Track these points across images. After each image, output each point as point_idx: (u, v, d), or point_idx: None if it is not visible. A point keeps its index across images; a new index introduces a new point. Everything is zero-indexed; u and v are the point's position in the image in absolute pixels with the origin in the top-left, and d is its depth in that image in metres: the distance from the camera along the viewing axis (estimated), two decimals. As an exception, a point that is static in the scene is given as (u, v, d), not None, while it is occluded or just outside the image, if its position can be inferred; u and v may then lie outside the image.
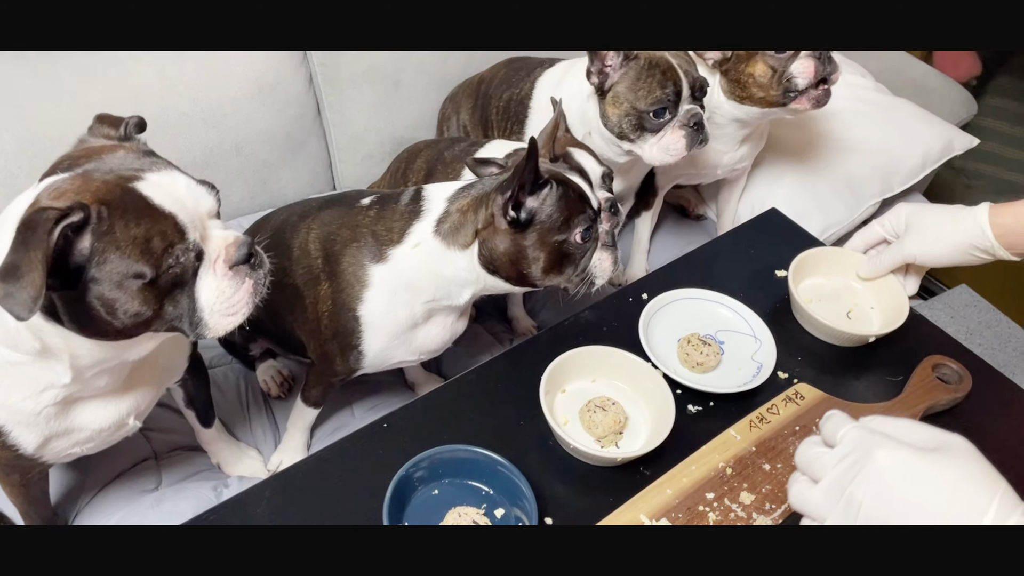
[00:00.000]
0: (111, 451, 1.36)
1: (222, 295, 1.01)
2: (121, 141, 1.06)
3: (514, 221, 1.16)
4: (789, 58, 1.66)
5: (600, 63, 1.60)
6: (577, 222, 1.18)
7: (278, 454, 1.62)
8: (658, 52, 1.61)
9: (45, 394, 1.08)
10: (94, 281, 0.92)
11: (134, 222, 0.92)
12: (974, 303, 2.66)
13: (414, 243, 1.26)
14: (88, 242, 0.90)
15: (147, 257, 0.92)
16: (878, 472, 0.78)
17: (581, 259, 1.21)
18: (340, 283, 1.33)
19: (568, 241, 1.18)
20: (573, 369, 1.18)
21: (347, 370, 1.42)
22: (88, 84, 1.74)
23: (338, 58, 2.05)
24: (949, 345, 1.31)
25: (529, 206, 1.16)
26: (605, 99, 1.63)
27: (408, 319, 1.32)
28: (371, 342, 1.35)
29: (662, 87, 1.57)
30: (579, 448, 1.07)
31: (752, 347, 1.27)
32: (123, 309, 0.94)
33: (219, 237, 1.02)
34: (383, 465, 1.05)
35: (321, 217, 1.41)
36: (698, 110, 1.62)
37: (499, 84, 1.94)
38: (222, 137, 1.93)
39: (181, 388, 1.45)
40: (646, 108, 1.59)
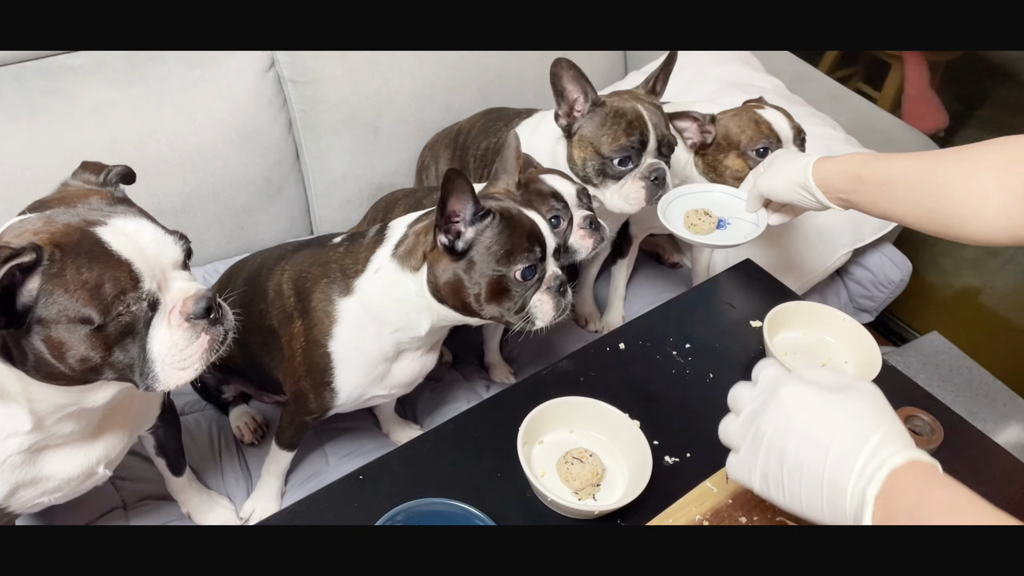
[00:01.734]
0: (79, 501, 1.33)
1: (175, 347, 0.99)
2: (99, 187, 1.06)
3: (449, 249, 1.17)
4: None
5: (568, 106, 1.63)
6: (519, 259, 1.19)
7: (251, 501, 1.60)
8: (630, 101, 1.63)
9: (9, 442, 1.06)
10: (40, 323, 0.91)
11: (87, 266, 0.91)
12: (945, 350, 2.70)
13: (375, 268, 1.28)
14: (37, 283, 0.90)
15: (96, 302, 0.91)
16: (781, 405, 0.86)
17: (521, 297, 1.22)
18: (311, 320, 1.34)
19: (507, 277, 1.19)
20: (551, 420, 1.18)
21: (321, 408, 1.41)
22: (66, 130, 1.74)
23: (317, 105, 2.06)
24: (921, 396, 1.33)
25: (467, 236, 1.17)
26: (571, 141, 1.65)
27: (378, 352, 1.33)
28: (343, 378, 1.35)
29: (627, 135, 1.59)
30: (556, 501, 1.07)
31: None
32: (70, 353, 0.93)
33: (179, 289, 1.01)
34: (359, 518, 1.04)
35: (295, 258, 1.42)
36: (661, 165, 1.62)
37: (477, 134, 1.96)
38: (200, 182, 1.93)
39: (152, 435, 1.43)
40: (609, 154, 1.60)
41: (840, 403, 0.84)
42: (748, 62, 2.51)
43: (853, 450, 0.80)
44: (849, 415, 0.83)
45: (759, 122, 1.72)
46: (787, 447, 0.84)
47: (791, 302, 1.38)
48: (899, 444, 0.80)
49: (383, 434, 1.76)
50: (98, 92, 1.80)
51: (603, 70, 2.53)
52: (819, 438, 0.82)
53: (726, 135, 1.73)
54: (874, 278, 2.19)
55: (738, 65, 2.48)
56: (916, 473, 0.78)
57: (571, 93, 1.62)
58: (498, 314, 1.23)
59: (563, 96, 1.62)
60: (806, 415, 0.84)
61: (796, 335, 1.37)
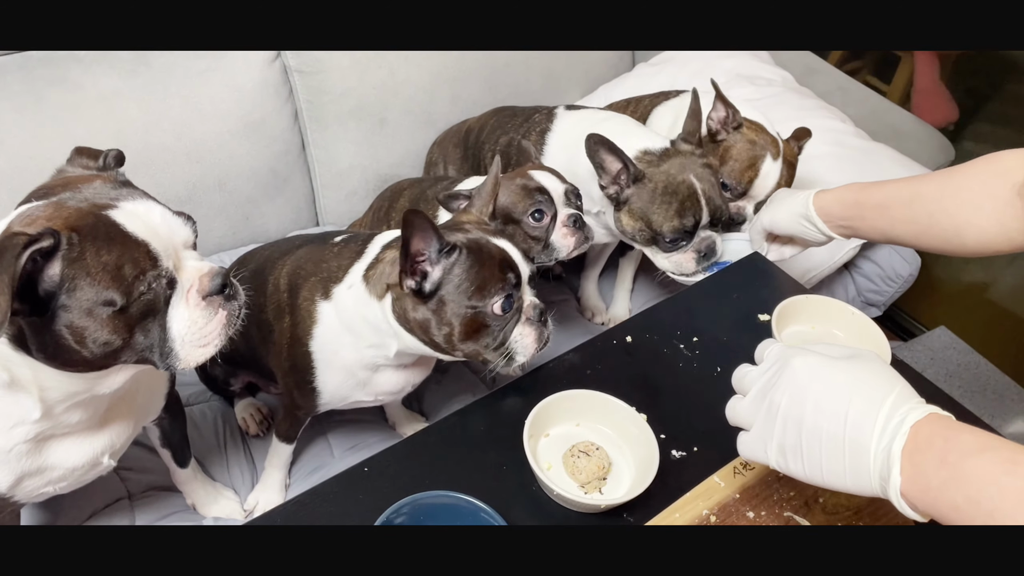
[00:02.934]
0: (84, 491, 1.33)
1: (194, 325, 1.00)
2: (99, 172, 1.05)
3: (418, 291, 1.14)
4: None
5: (611, 176, 1.58)
6: (493, 291, 1.14)
7: (255, 493, 1.60)
8: (681, 172, 1.56)
9: (16, 431, 1.06)
10: (64, 308, 0.91)
11: (105, 249, 0.91)
12: (953, 345, 2.69)
13: (349, 284, 1.26)
14: (58, 268, 0.89)
15: (118, 284, 0.91)
16: (793, 376, 0.88)
17: (500, 332, 1.18)
18: (296, 317, 1.34)
19: (483, 312, 1.15)
20: (557, 413, 1.17)
21: (307, 405, 1.41)
22: (72, 119, 1.74)
23: (323, 95, 2.05)
24: (931, 392, 1.31)
25: (434, 276, 1.13)
26: (621, 210, 1.61)
27: (356, 361, 1.31)
28: (324, 379, 1.35)
29: (680, 216, 1.56)
30: (562, 494, 1.06)
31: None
32: (92, 337, 0.93)
33: (193, 268, 1.01)
34: (364, 510, 1.03)
35: (297, 253, 1.42)
36: (714, 238, 1.61)
37: (492, 130, 1.94)
38: (205, 172, 1.92)
39: (157, 427, 1.42)
40: (661, 232, 1.58)
41: (851, 369, 0.86)
42: (757, 54, 2.50)
43: (872, 410, 0.81)
44: (861, 379, 0.84)
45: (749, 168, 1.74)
46: (804, 415, 0.85)
47: (800, 296, 1.37)
48: (916, 401, 0.82)
49: (388, 427, 1.75)
50: (104, 82, 1.79)
51: (611, 62, 2.52)
52: (836, 403, 0.83)
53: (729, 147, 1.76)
54: (882, 272, 2.18)
55: (747, 58, 2.47)
56: (938, 423, 0.79)
57: (611, 165, 1.57)
58: (474, 352, 1.19)
59: (603, 168, 1.57)
60: (820, 383, 0.85)
61: (805, 329, 1.36)
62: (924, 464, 0.77)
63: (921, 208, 1.25)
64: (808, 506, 1.09)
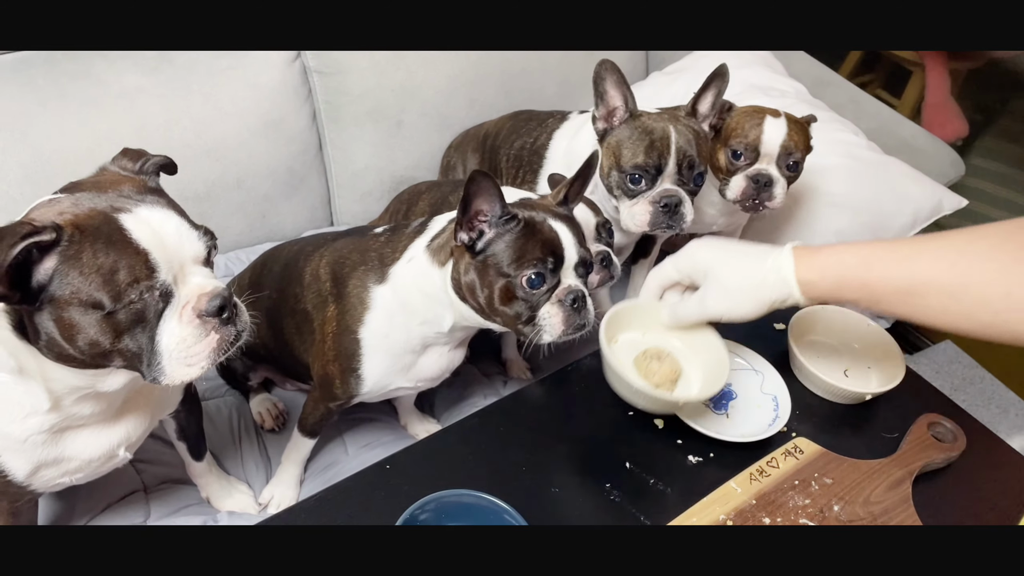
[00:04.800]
0: (100, 482, 1.34)
1: (183, 343, 0.98)
2: (134, 175, 1.06)
3: (469, 247, 1.18)
4: (738, 167, 1.72)
5: (607, 110, 1.62)
6: (527, 266, 1.17)
7: (270, 488, 1.61)
8: (663, 121, 1.58)
9: (30, 421, 1.07)
10: (52, 302, 0.92)
11: (103, 251, 0.91)
12: (958, 359, 2.70)
13: (409, 258, 1.29)
14: (53, 263, 0.90)
15: (108, 288, 0.91)
16: None
17: (528, 306, 1.20)
18: (345, 305, 1.35)
19: (513, 282, 1.18)
20: (627, 320, 1.22)
21: (346, 394, 1.42)
22: (95, 115, 1.75)
23: (342, 96, 2.07)
24: (943, 404, 1.33)
25: (487, 236, 1.18)
26: (603, 147, 1.64)
27: (405, 343, 1.33)
28: (369, 366, 1.36)
29: (646, 154, 1.56)
30: (644, 391, 1.13)
31: (756, 380, 1.29)
32: (80, 336, 0.93)
33: (196, 284, 0.99)
34: (385, 507, 1.04)
35: (334, 245, 1.44)
36: (677, 193, 1.57)
37: (508, 134, 1.96)
38: (224, 170, 1.94)
39: (173, 420, 1.43)
40: (625, 169, 1.58)
41: None
42: (770, 65, 2.51)
43: None
44: None
45: (752, 129, 1.71)
46: None
47: (816, 306, 1.38)
48: None
49: (401, 426, 1.77)
50: (127, 78, 1.81)
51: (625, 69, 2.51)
52: None
53: (728, 126, 1.74)
54: (892, 285, 2.19)
55: (760, 68, 2.48)
56: None
57: (612, 99, 1.60)
58: (510, 320, 1.22)
59: (603, 99, 1.60)
60: None
61: (820, 339, 1.37)
62: None
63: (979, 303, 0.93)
64: (823, 513, 1.11)
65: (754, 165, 1.71)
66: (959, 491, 1.21)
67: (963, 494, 1.21)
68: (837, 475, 1.16)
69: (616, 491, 1.13)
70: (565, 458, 1.18)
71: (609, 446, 1.20)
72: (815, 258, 1.05)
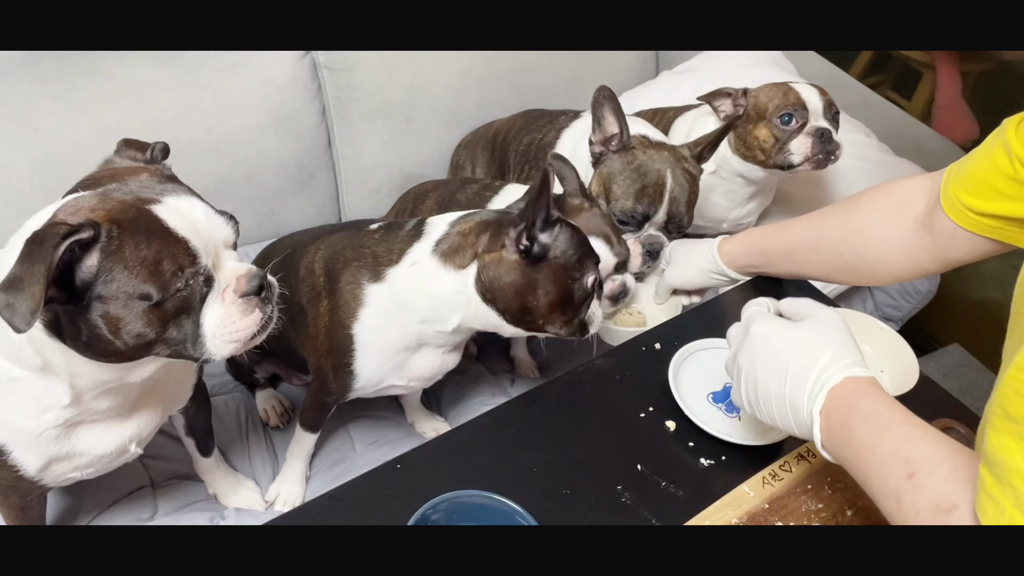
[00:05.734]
0: (108, 477, 1.34)
1: (227, 318, 1.00)
2: (147, 164, 1.06)
3: (526, 252, 1.18)
4: (793, 132, 1.70)
5: (603, 136, 1.59)
6: (589, 266, 1.20)
7: (276, 485, 1.61)
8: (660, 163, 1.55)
9: (46, 415, 1.07)
10: (99, 299, 0.92)
11: (145, 243, 0.92)
12: (966, 363, 2.69)
13: (411, 262, 1.28)
14: (96, 259, 0.90)
15: (155, 279, 0.92)
16: (751, 342, 1.00)
17: (582, 305, 1.22)
18: (338, 300, 1.35)
19: (579, 282, 1.20)
20: None
21: (340, 390, 1.42)
22: (105, 108, 1.75)
23: (352, 92, 2.06)
24: (957, 408, 1.32)
25: (543, 240, 1.18)
26: (595, 172, 1.62)
27: (400, 341, 1.33)
28: (363, 362, 1.36)
29: (637, 199, 1.55)
30: None
31: None
32: (127, 329, 0.94)
33: (231, 268, 1.02)
34: (396, 506, 1.04)
35: (330, 239, 1.44)
36: (660, 239, 1.58)
37: (518, 131, 1.95)
38: (234, 165, 1.93)
39: (182, 415, 1.44)
40: (616, 212, 1.57)
41: (797, 333, 0.97)
42: (782, 65, 2.51)
43: (804, 373, 0.93)
44: (803, 343, 0.95)
45: (787, 92, 1.74)
46: (757, 378, 0.98)
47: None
48: (843, 363, 0.92)
49: (408, 424, 1.76)
50: (137, 72, 1.80)
51: (635, 68, 2.52)
52: (779, 367, 0.95)
53: (756, 105, 1.75)
54: (901, 287, 2.18)
55: (772, 67, 2.47)
56: (852, 386, 0.91)
57: (608, 125, 1.58)
58: (554, 323, 1.23)
59: (600, 124, 1.58)
60: (769, 349, 0.98)
61: (833, 342, 1.36)
62: (833, 426, 0.90)
63: (828, 250, 1.28)
64: (836, 519, 1.10)
65: (807, 124, 1.72)
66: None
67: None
68: (850, 480, 1.14)
69: (627, 493, 1.13)
70: (576, 459, 1.18)
71: (620, 448, 1.20)
72: (734, 237, 1.43)
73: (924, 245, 1.17)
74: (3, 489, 1.22)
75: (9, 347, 1.00)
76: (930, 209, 1.16)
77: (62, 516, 1.48)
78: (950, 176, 1.13)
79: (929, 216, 1.16)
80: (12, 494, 1.24)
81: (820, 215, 1.32)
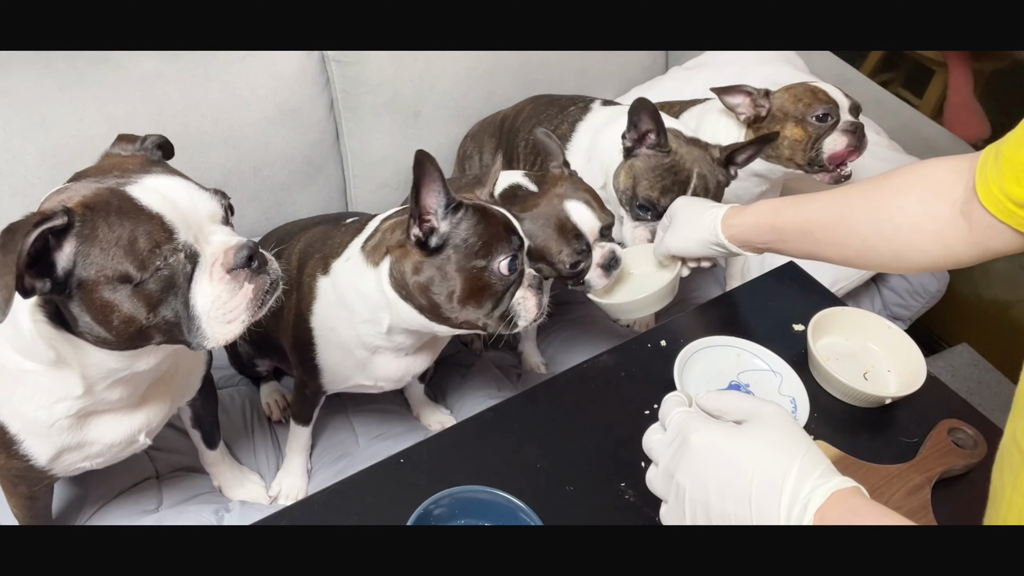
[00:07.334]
0: (114, 469, 1.35)
1: (218, 300, 0.97)
2: (135, 154, 1.06)
3: (422, 243, 1.14)
4: (827, 128, 1.73)
5: (638, 134, 1.61)
6: (499, 249, 1.15)
7: (279, 479, 1.62)
8: (692, 164, 1.58)
9: (58, 406, 1.07)
10: (81, 285, 0.91)
11: (118, 223, 0.90)
12: (975, 363, 2.68)
13: (347, 257, 1.28)
14: (73, 246, 0.90)
15: (131, 257, 0.90)
16: (693, 456, 0.83)
17: (504, 293, 1.17)
18: (300, 293, 1.36)
19: (489, 269, 1.15)
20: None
21: (312, 383, 1.43)
22: (113, 99, 1.75)
23: (360, 86, 2.06)
24: (964, 409, 1.31)
25: (442, 230, 1.13)
26: (625, 163, 1.64)
27: (353, 339, 1.32)
28: (323, 357, 1.36)
29: (662, 193, 1.57)
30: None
31: (774, 382, 1.28)
32: (115, 315, 0.93)
33: (219, 242, 0.98)
34: (399, 501, 1.04)
35: (312, 231, 1.45)
36: None
37: (527, 118, 1.95)
38: (241, 158, 1.93)
39: (189, 408, 1.44)
40: (639, 197, 1.60)
41: (749, 440, 0.81)
42: (792, 62, 2.49)
43: (774, 492, 0.77)
44: (760, 454, 0.80)
45: (815, 91, 1.77)
46: (709, 500, 0.81)
47: (836, 307, 1.37)
48: (816, 476, 0.78)
49: (413, 417, 1.76)
50: (146, 63, 1.80)
51: (644, 64, 2.51)
52: (737, 487, 0.79)
53: (781, 107, 1.77)
54: (911, 287, 2.17)
55: (782, 64, 2.46)
56: (842, 506, 0.76)
57: (644, 125, 1.60)
58: (474, 317, 1.18)
59: (636, 127, 1.60)
60: (718, 463, 0.81)
61: (839, 341, 1.36)
62: None
63: (851, 233, 1.15)
64: (841, 518, 1.09)
65: (840, 120, 1.76)
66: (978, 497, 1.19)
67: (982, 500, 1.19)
68: (855, 479, 1.13)
69: (631, 491, 1.13)
70: (580, 456, 1.17)
71: (625, 445, 1.19)
72: (741, 210, 1.30)
73: (961, 235, 1.05)
74: (12, 479, 1.24)
75: (21, 342, 1.00)
76: (968, 196, 1.03)
77: (68, 506, 1.49)
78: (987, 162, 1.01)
79: (967, 204, 1.04)
80: (21, 483, 1.25)
81: (842, 193, 1.19)
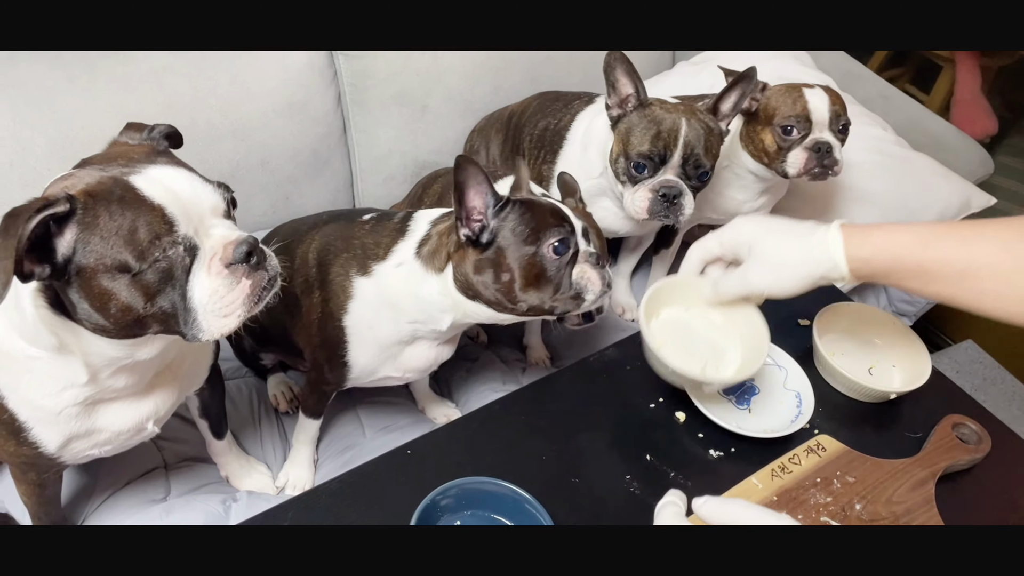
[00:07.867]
0: (122, 457, 1.36)
1: (215, 294, 0.97)
2: (142, 143, 1.06)
3: (473, 240, 1.16)
4: (793, 142, 1.69)
5: (619, 99, 1.62)
6: (547, 234, 1.16)
7: (285, 469, 1.62)
8: (676, 113, 1.57)
9: (65, 393, 1.08)
10: (80, 272, 0.92)
11: (119, 212, 0.90)
12: (980, 359, 2.68)
13: (397, 262, 1.27)
14: (73, 232, 0.90)
15: (131, 247, 0.90)
16: None
17: (559, 275, 1.18)
18: (328, 292, 1.35)
19: (539, 254, 1.16)
20: (667, 296, 1.22)
21: (336, 380, 1.43)
22: (123, 91, 1.76)
23: (367, 79, 2.06)
24: (968, 404, 1.32)
25: (492, 226, 1.16)
26: (614, 133, 1.65)
27: (393, 336, 1.33)
28: (356, 354, 1.36)
29: (652, 143, 1.57)
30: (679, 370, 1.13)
31: (780, 375, 1.28)
32: (113, 303, 0.93)
33: (220, 236, 0.98)
34: (406, 492, 1.05)
35: (324, 229, 1.44)
36: (677, 184, 1.57)
37: (533, 114, 1.95)
38: (249, 150, 1.94)
39: (197, 397, 1.45)
40: (630, 156, 1.59)
41: None
42: (799, 58, 2.49)
43: None
44: None
45: (797, 99, 1.70)
46: None
47: (842, 303, 1.37)
48: None
49: (419, 410, 1.77)
50: (155, 56, 1.81)
51: (651, 60, 2.51)
52: None
53: (766, 107, 1.73)
54: (916, 282, 2.17)
55: (789, 60, 2.46)
56: None
57: (623, 87, 1.61)
58: (538, 301, 1.19)
59: (614, 88, 1.61)
60: None
61: (845, 336, 1.36)
62: None
63: (983, 284, 0.94)
64: (845, 512, 1.10)
65: (809, 136, 1.69)
66: (982, 493, 1.20)
67: (986, 496, 1.20)
68: (860, 474, 1.15)
69: (636, 483, 1.13)
70: (586, 448, 1.18)
71: (630, 438, 1.20)
72: (868, 236, 1.02)
73: None
74: (22, 466, 1.24)
75: (26, 328, 1.01)
76: None
77: (77, 494, 1.50)
78: None
79: None
80: (30, 471, 1.26)
81: (966, 231, 0.96)
